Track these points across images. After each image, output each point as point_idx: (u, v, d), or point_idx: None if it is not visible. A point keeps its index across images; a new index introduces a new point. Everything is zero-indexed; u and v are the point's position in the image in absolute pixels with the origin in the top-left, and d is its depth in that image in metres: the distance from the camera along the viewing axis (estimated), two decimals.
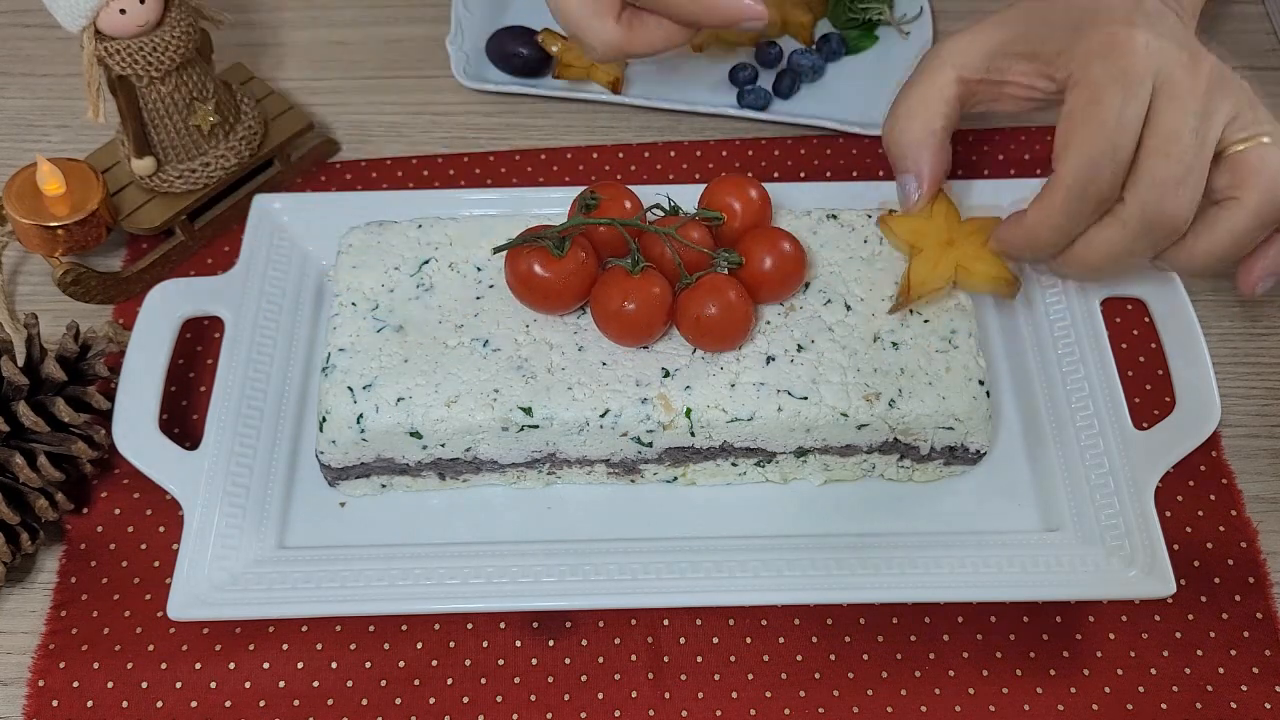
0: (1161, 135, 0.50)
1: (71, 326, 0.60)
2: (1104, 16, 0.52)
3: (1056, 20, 0.54)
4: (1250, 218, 0.51)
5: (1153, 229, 0.51)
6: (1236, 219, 0.51)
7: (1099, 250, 0.53)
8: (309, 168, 0.74)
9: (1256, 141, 0.51)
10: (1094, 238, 0.53)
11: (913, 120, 0.57)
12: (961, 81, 0.56)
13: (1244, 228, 0.52)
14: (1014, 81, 0.56)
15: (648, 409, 0.56)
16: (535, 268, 0.55)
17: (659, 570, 0.55)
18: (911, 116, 0.57)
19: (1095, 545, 0.56)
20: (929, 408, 0.56)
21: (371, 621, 0.58)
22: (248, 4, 0.82)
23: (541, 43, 0.76)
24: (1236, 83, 0.52)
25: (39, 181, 0.62)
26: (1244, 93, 0.52)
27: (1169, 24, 0.53)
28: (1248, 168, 0.51)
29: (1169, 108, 0.50)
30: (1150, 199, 0.50)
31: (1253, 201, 0.51)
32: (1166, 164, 0.50)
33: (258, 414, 0.60)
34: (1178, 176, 0.50)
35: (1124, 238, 0.52)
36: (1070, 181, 0.51)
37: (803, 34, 0.78)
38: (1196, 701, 0.56)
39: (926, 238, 0.57)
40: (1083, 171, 0.51)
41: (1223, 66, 0.52)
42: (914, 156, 0.57)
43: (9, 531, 0.56)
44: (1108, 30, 0.51)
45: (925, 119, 0.56)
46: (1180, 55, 0.51)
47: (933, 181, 0.57)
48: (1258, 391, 0.66)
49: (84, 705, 0.55)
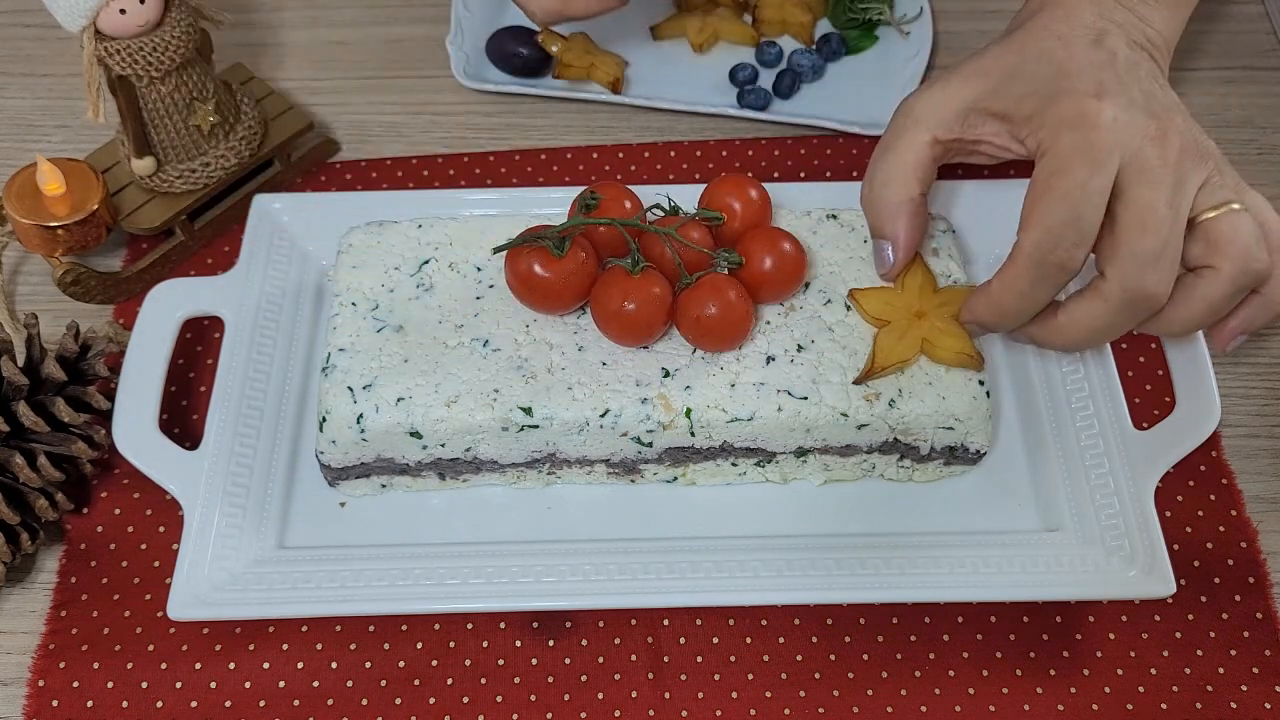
0: (1136, 210, 0.50)
1: (71, 326, 0.60)
2: (1074, 83, 0.52)
3: (1029, 77, 0.54)
4: (1227, 286, 0.52)
5: (1135, 303, 0.51)
6: (1212, 289, 0.52)
7: (1082, 325, 0.53)
8: (309, 168, 0.74)
9: (1228, 208, 0.51)
10: (1076, 312, 0.53)
11: (888, 188, 0.57)
12: (936, 143, 0.56)
13: (1220, 296, 0.52)
14: (986, 140, 0.56)
15: (648, 409, 0.56)
16: (535, 268, 0.55)
17: (659, 570, 0.55)
18: (887, 184, 0.57)
19: (1095, 545, 0.56)
20: (929, 408, 0.56)
21: (371, 621, 0.58)
22: (248, 4, 0.82)
23: (541, 43, 0.76)
24: (1206, 145, 0.52)
25: (39, 181, 0.62)
26: (1212, 156, 0.52)
27: (1141, 83, 0.53)
28: (1221, 237, 0.51)
29: (1140, 182, 0.50)
30: (1130, 273, 0.50)
31: (1228, 271, 0.51)
32: (1143, 238, 0.50)
33: (258, 414, 0.60)
34: (1155, 251, 0.50)
35: (1106, 312, 0.52)
36: (1030, 250, 0.52)
37: (803, 34, 0.78)
38: (1196, 701, 0.56)
39: (895, 310, 0.58)
40: (1043, 241, 0.51)
41: (1192, 129, 0.52)
42: (890, 223, 0.57)
43: (9, 531, 0.56)
44: (1078, 102, 0.51)
45: (902, 185, 0.57)
46: (1148, 127, 0.51)
47: (908, 248, 0.58)
48: (1258, 391, 0.66)
49: (84, 705, 0.55)
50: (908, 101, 0.57)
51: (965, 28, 0.81)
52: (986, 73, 0.55)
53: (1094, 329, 0.53)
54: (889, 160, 0.57)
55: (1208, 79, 0.79)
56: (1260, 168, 0.74)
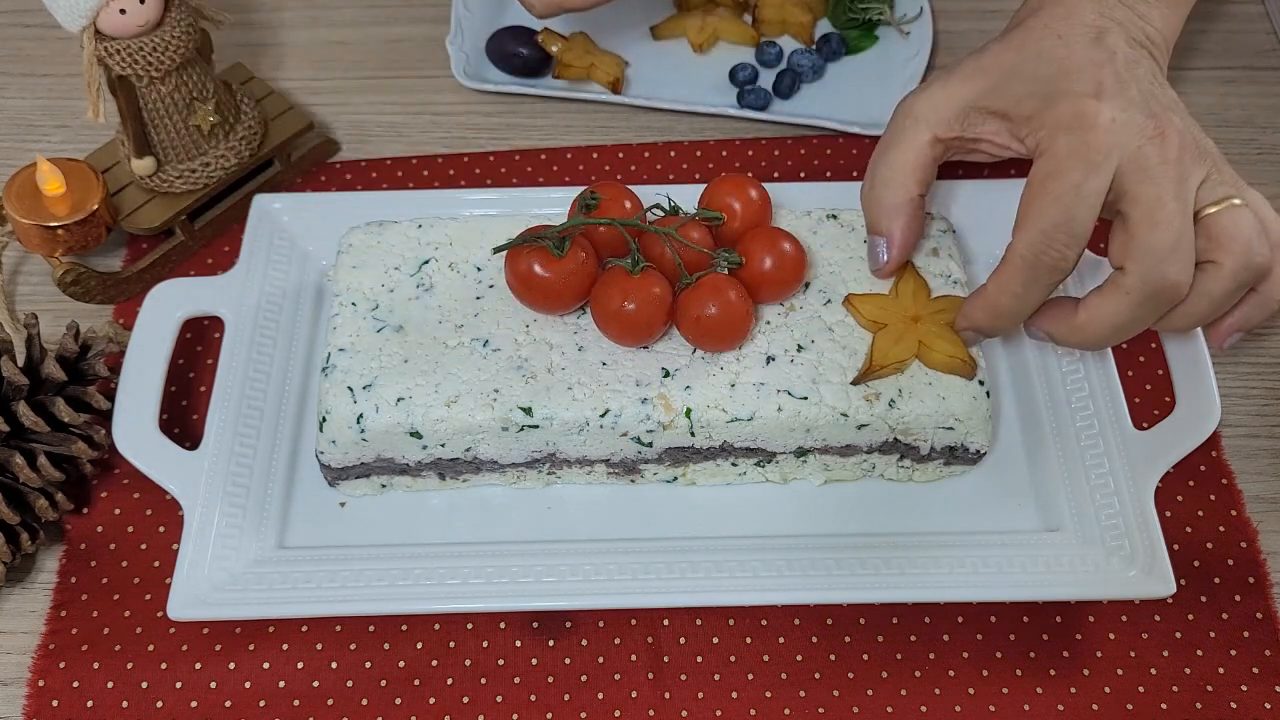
0: (1145, 206, 0.50)
1: (71, 326, 0.60)
2: (1073, 83, 0.52)
3: (1028, 77, 0.54)
4: (1229, 281, 0.52)
5: (1157, 295, 0.51)
6: (1215, 283, 0.52)
7: (1105, 321, 0.53)
8: (309, 168, 0.74)
9: (1228, 204, 0.51)
10: (1098, 309, 0.53)
11: (888, 188, 0.57)
12: (936, 141, 0.56)
13: (1223, 291, 0.52)
14: (986, 139, 0.56)
15: (648, 409, 0.56)
16: (535, 268, 0.55)
17: (659, 570, 0.55)
18: (888, 184, 0.57)
19: (1095, 545, 0.56)
20: (929, 408, 0.56)
21: (371, 621, 0.58)
22: (248, 4, 0.82)
23: (541, 43, 0.76)
24: (1204, 143, 0.52)
25: (39, 181, 0.62)
26: (1210, 154, 0.52)
27: (1140, 82, 0.53)
28: (1223, 232, 0.51)
29: (1143, 180, 0.50)
30: (1149, 265, 0.50)
31: (1230, 265, 0.51)
32: (1156, 231, 0.50)
33: (258, 414, 0.60)
34: (1170, 242, 0.50)
35: (1128, 306, 0.52)
36: (1023, 251, 0.52)
37: (803, 34, 0.78)
38: (1196, 701, 0.56)
39: (892, 314, 0.58)
40: (1036, 242, 0.51)
41: (1190, 128, 0.52)
42: (888, 222, 0.57)
43: (9, 531, 0.56)
44: (1076, 103, 0.51)
45: (902, 185, 0.57)
46: (1147, 126, 0.51)
47: (903, 247, 0.58)
48: (1258, 391, 0.66)
49: (84, 705, 0.55)
50: (907, 101, 0.57)
51: (965, 28, 0.81)
52: (986, 71, 0.55)
53: (1117, 325, 0.53)
54: (889, 159, 0.57)
55: (1208, 79, 0.79)
56: (1260, 168, 0.74)
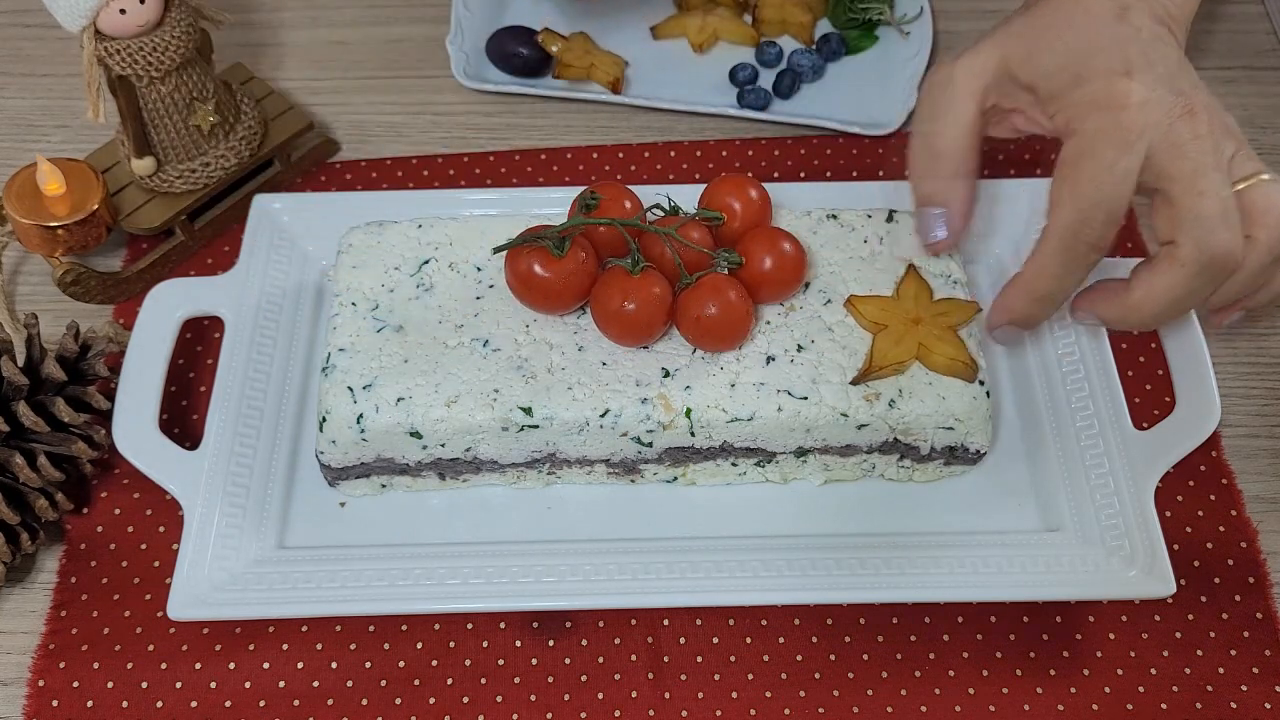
0: (1186, 180, 0.50)
1: (71, 326, 0.60)
2: (1102, 61, 0.52)
3: (1057, 50, 0.53)
4: (1264, 255, 0.51)
5: (1211, 265, 0.51)
6: (1251, 257, 0.51)
7: (1160, 297, 0.52)
8: (309, 168, 0.74)
9: (1257, 179, 0.51)
10: (1154, 285, 0.52)
11: (943, 157, 0.55)
12: (982, 110, 0.55)
13: (1260, 265, 0.52)
14: (1020, 111, 0.56)
15: (648, 409, 0.56)
16: (535, 268, 0.55)
17: (659, 570, 0.55)
18: (942, 153, 0.55)
19: (1095, 545, 0.56)
20: (929, 408, 0.56)
21: (371, 621, 0.58)
22: (248, 4, 0.82)
23: (541, 43, 0.76)
24: (1228, 121, 0.52)
25: (39, 181, 0.62)
26: (1235, 130, 0.52)
27: (1165, 60, 0.52)
28: (1255, 206, 0.51)
29: (1178, 156, 0.50)
30: (1201, 233, 0.50)
31: (1264, 239, 0.51)
32: (1204, 200, 0.50)
33: (258, 414, 0.60)
34: (1219, 209, 0.50)
35: (1185, 278, 0.51)
36: (1061, 230, 0.52)
37: (803, 34, 0.78)
38: (1196, 701, 0.56)
39: (893, 316, 0.58)
40: (1074, 221, 0.51)
41: (1213, 104, 0.52)
42: (945, 191, 0.56)
43: (9, 531, 0.56)
44: (1107, 81, 0.51)
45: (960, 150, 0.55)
46: (1176, 105, 0.51)
47: (965, 215, 0.56)
48: (1258, 391, 0.66)
49: (84, 705, 0.55)
50: (944, 70, 0.56)
51: (965, 28, 0.81)
52: (1018, 36, 0.54)
53: (1173, 299, 0.52)
54: (941, 128, 0.55)
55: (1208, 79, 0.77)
56: None
